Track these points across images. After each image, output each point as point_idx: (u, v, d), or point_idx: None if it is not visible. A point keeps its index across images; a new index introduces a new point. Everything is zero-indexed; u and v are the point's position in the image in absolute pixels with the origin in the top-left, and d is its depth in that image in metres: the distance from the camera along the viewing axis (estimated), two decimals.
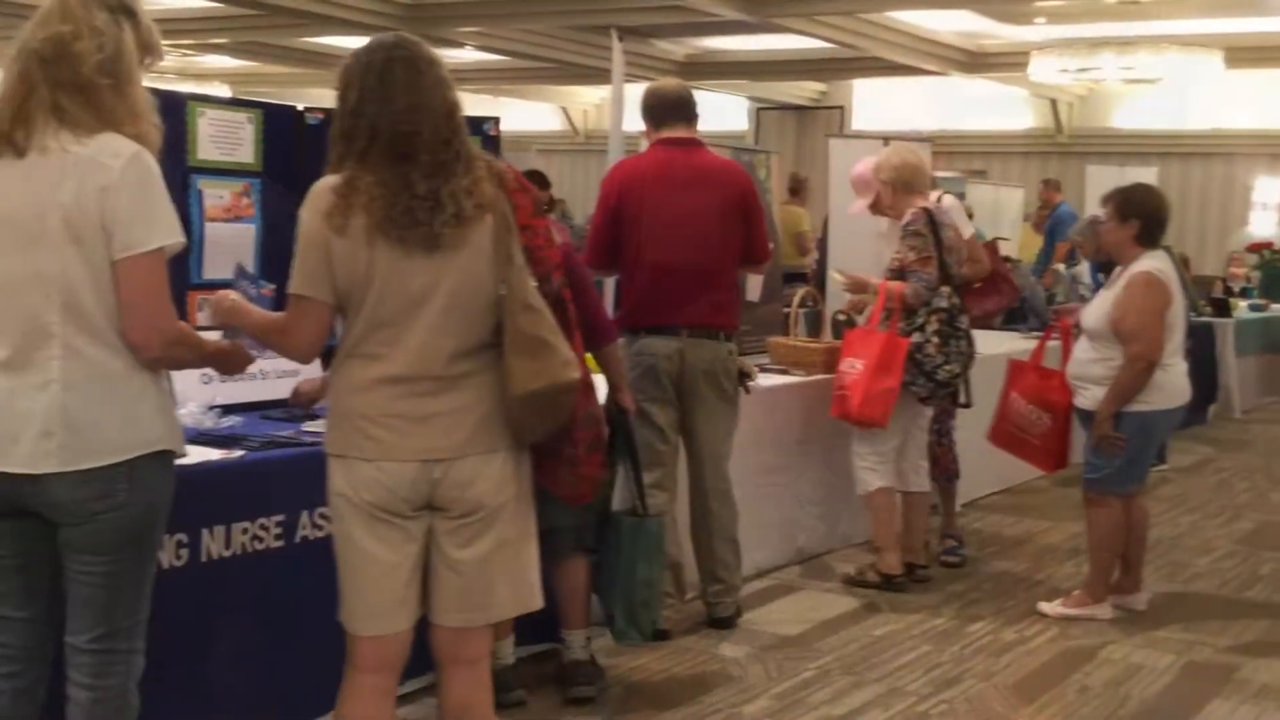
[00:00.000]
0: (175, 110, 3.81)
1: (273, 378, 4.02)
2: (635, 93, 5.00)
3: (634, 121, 4.97)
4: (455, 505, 2.72)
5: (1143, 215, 4.90)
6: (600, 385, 3.67)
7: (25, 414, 2.41)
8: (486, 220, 2.68)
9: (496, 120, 4.61)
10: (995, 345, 7.02)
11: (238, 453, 3.36)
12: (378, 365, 2.68)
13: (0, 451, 2.42)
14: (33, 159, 2.43)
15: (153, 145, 2.51)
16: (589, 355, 3.63)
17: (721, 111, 16.14)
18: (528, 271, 2.71)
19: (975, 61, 14.34)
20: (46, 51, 2.46)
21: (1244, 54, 12.57)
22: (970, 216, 6.84)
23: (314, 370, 3.94)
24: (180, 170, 3.86)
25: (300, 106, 4.35)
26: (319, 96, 17.53)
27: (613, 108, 6.34)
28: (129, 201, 2.42)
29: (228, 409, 3.67)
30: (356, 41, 2.92)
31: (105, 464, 2.43)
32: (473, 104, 3.55)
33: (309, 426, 3.71)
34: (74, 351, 2.42)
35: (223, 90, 16.81)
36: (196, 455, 3.15)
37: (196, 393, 3.60)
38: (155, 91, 2.70)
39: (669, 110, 4.63)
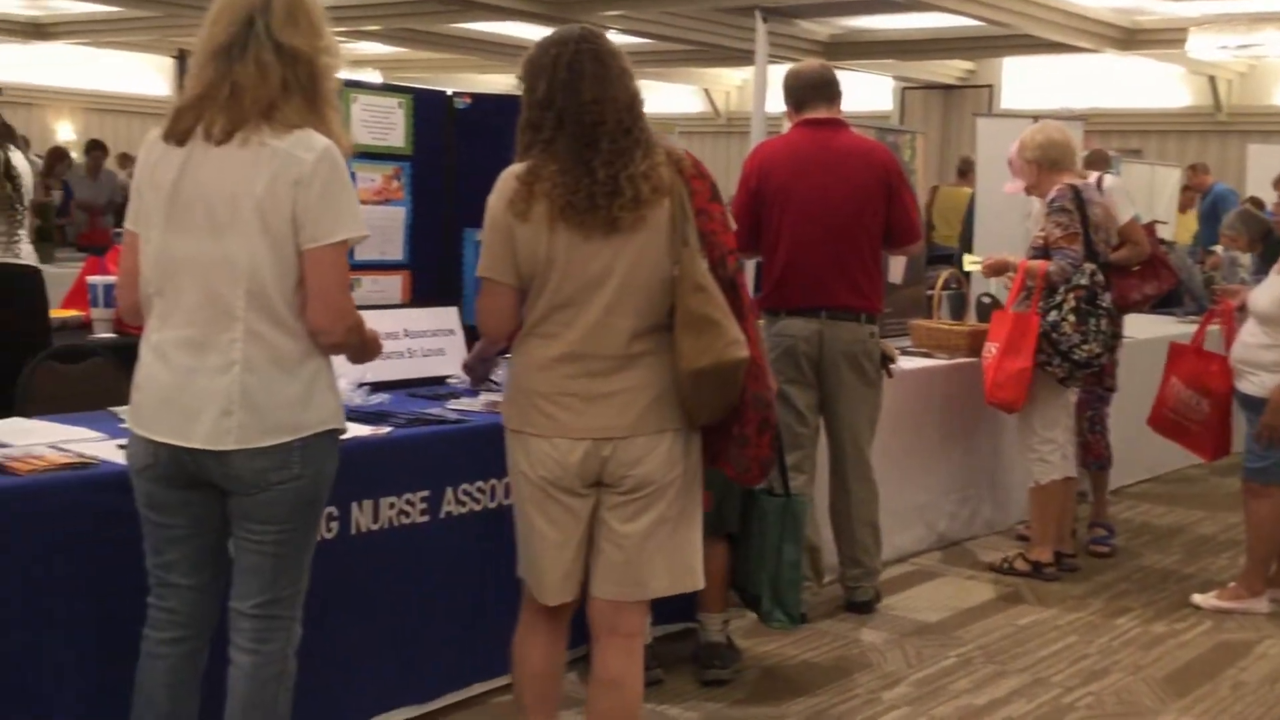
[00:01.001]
0: None
1: (419, 356, 4.12)
2: (778, 74, 4.98)
3: (776, 103, 4.95)
4: (623, 481, 2.80)
5: None
6: None
7: (206, 393, 2.51)
8: (663, 204, 2.75)
9: None
10: (1150, 329, 6.84)
11: (385, 429, 3.45)
12: (555, 344, 2.78)
13: (182, 429, 2.53)
14: (231, 149, 2.50)
15: (343, 145, 2.58)
16: None
17: (866, 91, 15.93)
18: (701, 254, 2.77)
19: (1130, 38, 13.89)
20: (299, 56, 2.52)
21: None
22: None
23: (459, 348, 4.03)
24: None
25: (449, 91, 4.44)
26: (468, 81, 17.87)
27: (756, 89, 6.32)
28: (319, 195, 2.50)
29: (377, 386, 3.77)
30: (505, 27, 2.98)
31: (281, 442, 2.53)
32: None
33: (454, 404, 3.79)
34: (256, 335, 2.52)
35: (374, 76, 17.21)
36: (347, 431, 3.24)
37: (347, 370, 3.71)
38: None
39: (810, 91, 4.60)
